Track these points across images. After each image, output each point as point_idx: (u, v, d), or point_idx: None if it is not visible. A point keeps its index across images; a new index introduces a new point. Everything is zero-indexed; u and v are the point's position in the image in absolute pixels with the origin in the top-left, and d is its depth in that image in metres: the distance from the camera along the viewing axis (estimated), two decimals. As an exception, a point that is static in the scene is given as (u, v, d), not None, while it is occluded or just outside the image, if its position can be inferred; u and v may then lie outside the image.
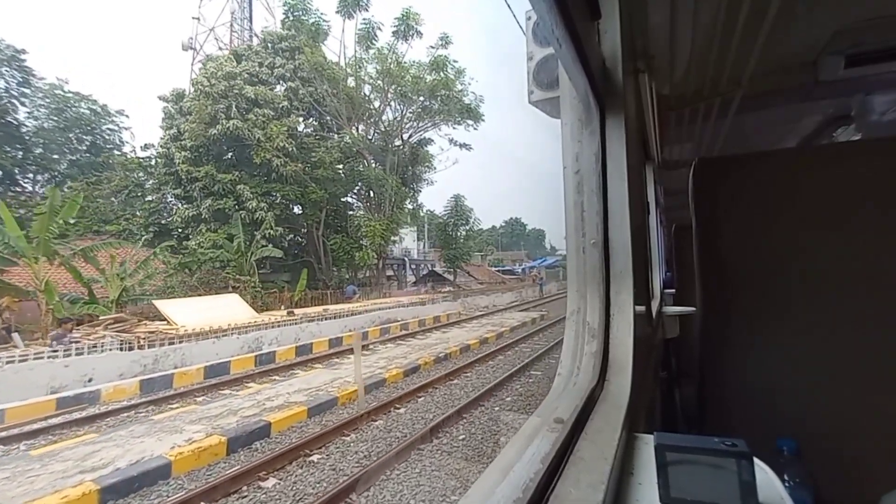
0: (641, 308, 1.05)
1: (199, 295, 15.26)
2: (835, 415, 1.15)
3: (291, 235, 24.34)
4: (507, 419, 6.01)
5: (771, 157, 1.42)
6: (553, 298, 28.60)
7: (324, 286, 21.67)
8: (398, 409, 6.49)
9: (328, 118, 24.29)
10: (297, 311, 15.11)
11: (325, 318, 13.47)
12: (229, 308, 13.54)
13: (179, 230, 20.55)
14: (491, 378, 8.03)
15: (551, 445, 0.60)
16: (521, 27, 1.34)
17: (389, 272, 31.78)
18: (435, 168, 28.97)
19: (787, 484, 0.67)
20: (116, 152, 28.61)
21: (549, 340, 11.93)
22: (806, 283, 1.23)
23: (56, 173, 27.11)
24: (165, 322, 11.83)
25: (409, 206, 28.51)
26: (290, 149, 20.70)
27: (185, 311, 12.31)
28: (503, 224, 78.03)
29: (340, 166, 23.48)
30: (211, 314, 12.38)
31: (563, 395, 0.83)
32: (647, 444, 0.72)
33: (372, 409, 6.15)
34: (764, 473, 0.58)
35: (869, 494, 0.84)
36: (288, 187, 21.29)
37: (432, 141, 28.60)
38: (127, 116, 32.58)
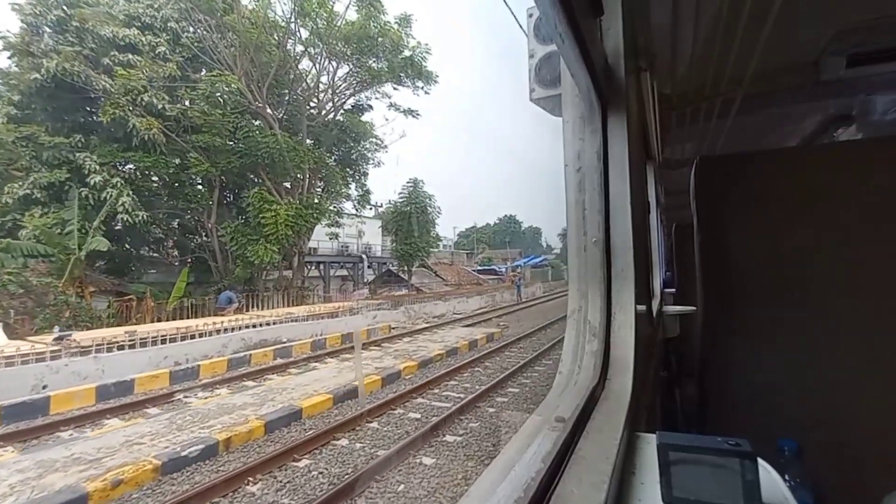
0: (643, 307, 1.05)
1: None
2: (836, 415, 1.15)
3: (195, 229, 18.87)
4: None
5: (773, 156, 1.42)
6: (531, 304, 24.10)
7: (224, 290, 17.01)
8: None
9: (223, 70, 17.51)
10: (113, 331, 9.89)
11: (125, 346, 8.52)
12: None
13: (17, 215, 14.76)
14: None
15: (553, 444, 0.59)
16: (520, 25, 1.34)
17: (343, 272, 28.12)
18: (385, 145, 23.44)
19: (788, 484, 0.67)
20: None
21: (481, 382, 7.57)
22: (807, 283, 1.23)
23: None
24: None
25: (356, 192, 23.81)
26: (160, 106, 15.21)
27: None
28: (497, 221, 75.16)
29: (236, 131, 17.53)
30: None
31: (565, 394, 0.83)
32: (650, 444, 0.71)
33: None
34: (767, 473, 0.58)
35: (870, 495, 0.83)
36: (155, 158, 15.67)
37: (370, 107, 23.22)
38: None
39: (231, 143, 17.42)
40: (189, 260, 18.77)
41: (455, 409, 6.07)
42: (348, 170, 23.11)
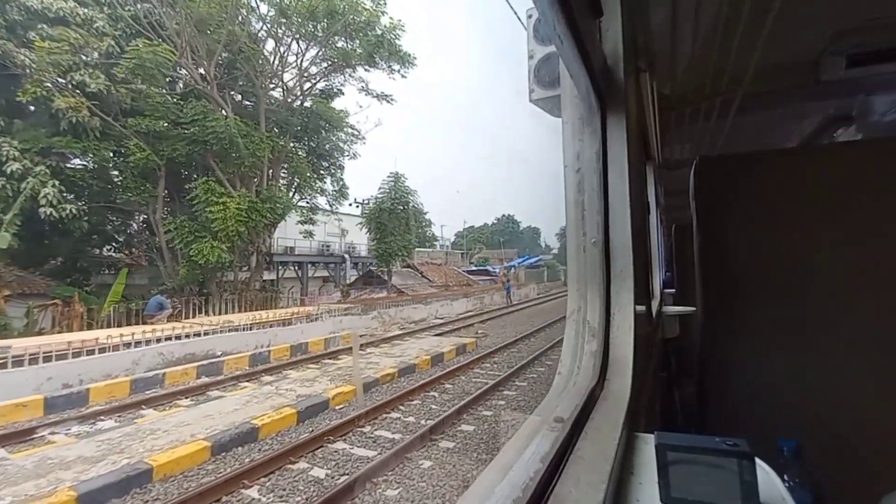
0: (642, 308, 1.05)
1: None
2: (835, 415, 1.15)
3: (149, 226, 16.65)
4: None
5: (772, 157, 1.42)
6: (521, 307, 22.17)
7: (171, 294, 14.80)
8: None
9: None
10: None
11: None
12: None
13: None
14: None
15: (551, 445, 0.60)
16: (520, 20, 1.34)
17: (324, 273, 26.46)
18: (362, 136, 21.48)
19: (786, 484, 0.67)
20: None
21: (430, 415, 5.90)
22: (806, 283, 1.23)
23: None
24: None
25: (332, 187, 22.12)
26: (94, 87, 13.22)
27: None
28: (495, 221, 72.54)
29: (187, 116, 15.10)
30: None
31: (564, 395, 0.83)
32: (648, 444, 0.71)
33: None
34: (765, 474, 0.58)
35: (869, 495, 0.84)
36: (86, 144, 13.72)
37: (341, 92, 21.27)
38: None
39: (177, 128, 15.37)
40: (147, 259, 17.09)
41: (376, 464, 4.33)
42: (323, 162, 21.50)
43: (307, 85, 20.10)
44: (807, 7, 1.54)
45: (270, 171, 17.99)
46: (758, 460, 0.52)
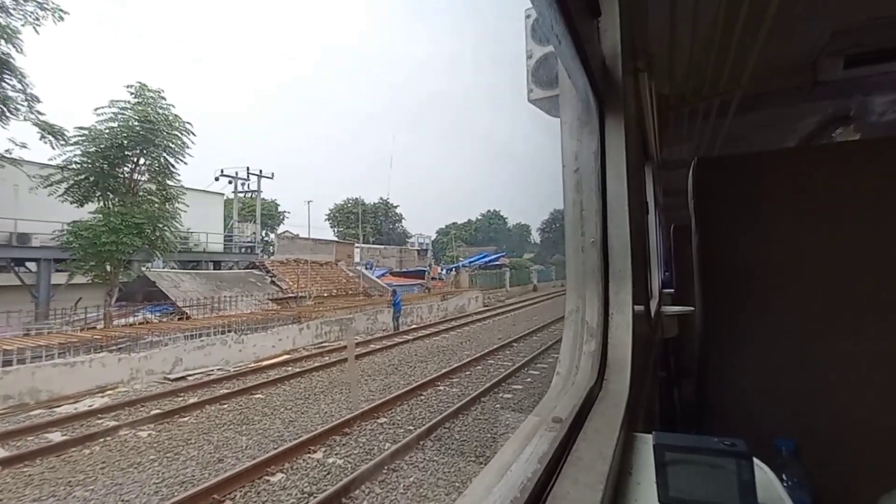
0: (640, 307, 1.05)
1: None
2: (834, 415, 1.15)
3: None
4: None
5: (771, 157, 1.42)
6: (418, 335, 12.49)
7: None
8: None
9: None
10: None
11: None
12: None
13: None
14: None
15: (549, 445, 0.59)
16: None
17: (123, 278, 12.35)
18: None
19: (785, 484, 0.67)
20: None
21: None
22: (805, 283, 1.23)
23: None
24: None
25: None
26: None
27: None
28: (479, 217, 65.62)
29: None
30: None
31: (562, 395, 0.82)
32: (646, 444, 0.71)
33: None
34: (763, 473, 0.58)
35: (867, 495, 0.84)
36: None
37: None
38: None
39: None
40: None
41: None
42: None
43: None
44: (804, 8, 1.54)
45: None
46: (756, 460, 0.52)
